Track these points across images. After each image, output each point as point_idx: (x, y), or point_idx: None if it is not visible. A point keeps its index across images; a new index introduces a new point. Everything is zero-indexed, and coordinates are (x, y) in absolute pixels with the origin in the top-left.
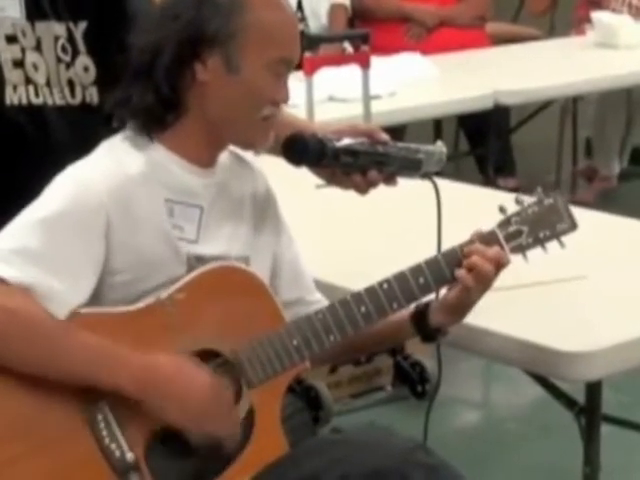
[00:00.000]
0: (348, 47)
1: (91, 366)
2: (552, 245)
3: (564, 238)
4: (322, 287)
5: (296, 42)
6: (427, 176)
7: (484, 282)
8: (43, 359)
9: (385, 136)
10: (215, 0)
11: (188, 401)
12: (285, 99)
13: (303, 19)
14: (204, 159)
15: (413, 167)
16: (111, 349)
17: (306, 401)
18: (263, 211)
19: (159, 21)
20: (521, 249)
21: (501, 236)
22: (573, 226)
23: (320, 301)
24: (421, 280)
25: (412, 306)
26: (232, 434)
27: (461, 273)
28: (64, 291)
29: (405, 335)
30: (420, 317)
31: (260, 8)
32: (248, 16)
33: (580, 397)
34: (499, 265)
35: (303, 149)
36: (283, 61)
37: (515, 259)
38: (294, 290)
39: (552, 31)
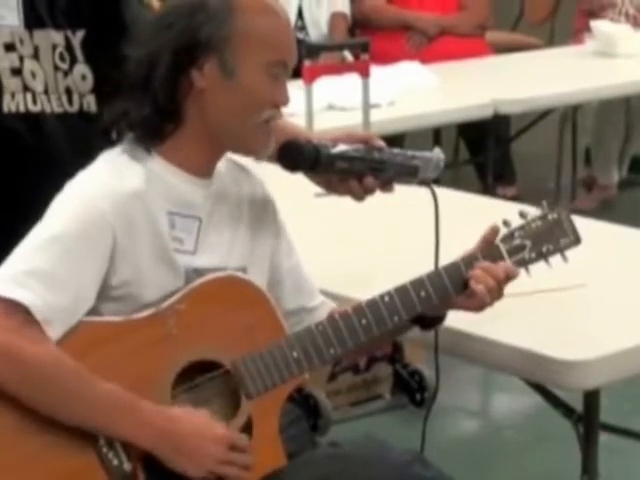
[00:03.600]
0: (348, 56)
1: (107, 419)
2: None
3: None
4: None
5: (291, 45)
6: (424, 183)
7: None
8: (58, 408)
9: (381, 142)
10: (207, 6)
11: (201, 458)
12: (285, 101)
13: (303, 28)
14: (202, 169)
15: (410, 173)
16: (127, 403)
17: (305, 409)
18: (261, 217)
19: (154, 32)
20: (524, 263)
21: (504, 250)
22: (577, 240)
23: (322, 304)
24: (423, 294)
25: None
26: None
27: (480, 288)
28: (71, 309)
29: (401, 329)
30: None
31: (252, 14)
32: (241, 22)
33: (578, 405)
34: (509, 279)
35: (298, 155)
36: (279, 63)
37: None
38: (296, 299)
39: (552, 40)
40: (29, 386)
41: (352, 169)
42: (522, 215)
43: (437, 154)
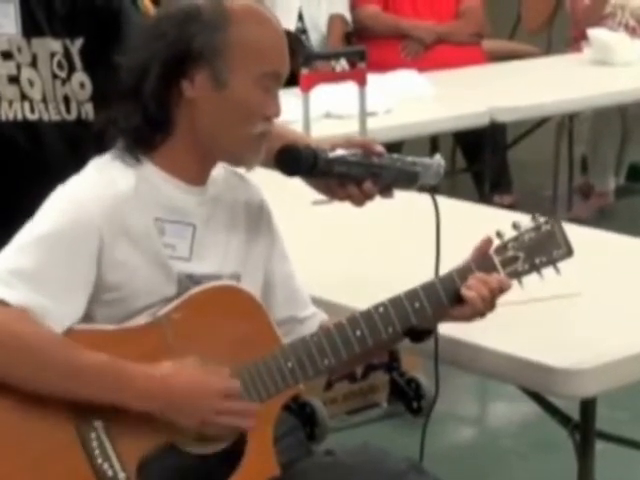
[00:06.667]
0: (343, 62)
1: (96, 384)
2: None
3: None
4: (318, 303)
5: (284, 56)
6: (424, 189)
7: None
8: (49, 379)
9: (380, 148)
10: (200, 17)
11: (198, 414)
12: (276, 113)
13: (304, 31)
14: (195, 177)
15: (409, 179)
16: (114, 366)
17: (301, 418)
18: (257, 224)
19: (145, 40)
20: (517, 275)
21: (497, 261)
22: (569, 252)
23: (314, 315)
24: (417, 305)
25: None
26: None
27: (472, 294)
28: (57, 310)
29: (393, 341)
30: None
31: (245, 24)
32: (234, 32)
33: (575, 414)
34: (502, 291)
35: (296, 159)
36: (271, 75)
37: None
38: (287, 308)
39: (549, 48)
40: (18, 361)
41: (350, 174)
42: (515, 226)
43: (437, 161)
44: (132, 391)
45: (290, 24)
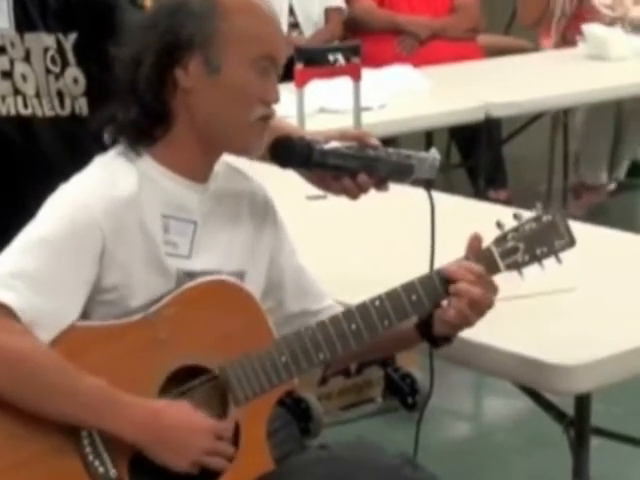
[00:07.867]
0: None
1: (93, 412)
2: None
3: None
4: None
5: (275, 39)
6: (419, 182)
7: (478, 307)
8: (45, 402)
9: (375, 141)
10: (189, 6)
11: (187, 449)
12: (274, 98)
13: (296, 25)
14: (197, 172)
15: (404, 172)
16: (110, 392)
17: (296, 413)
18: (262, 220)
19: (138, 33)
20: (517, 266)
21: (496, 253)
22: (572, 242)
23: (329, 308)
24: (414, 297)
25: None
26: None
27: (460, 305)
28: (59, 312)
29: (410, 344)
30: (425, 327)
31: (235, 11)
32: (223, 19)
33: (570, 409)
34: (485, 284)
35: (290, 151)
36: (265, 58)
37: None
38: (299, 301)
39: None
40: (13, 380)
41: (345, 166)
42: (516, 217)
43: (433, 154)
44: (125, 418)
45: (281, 20)
